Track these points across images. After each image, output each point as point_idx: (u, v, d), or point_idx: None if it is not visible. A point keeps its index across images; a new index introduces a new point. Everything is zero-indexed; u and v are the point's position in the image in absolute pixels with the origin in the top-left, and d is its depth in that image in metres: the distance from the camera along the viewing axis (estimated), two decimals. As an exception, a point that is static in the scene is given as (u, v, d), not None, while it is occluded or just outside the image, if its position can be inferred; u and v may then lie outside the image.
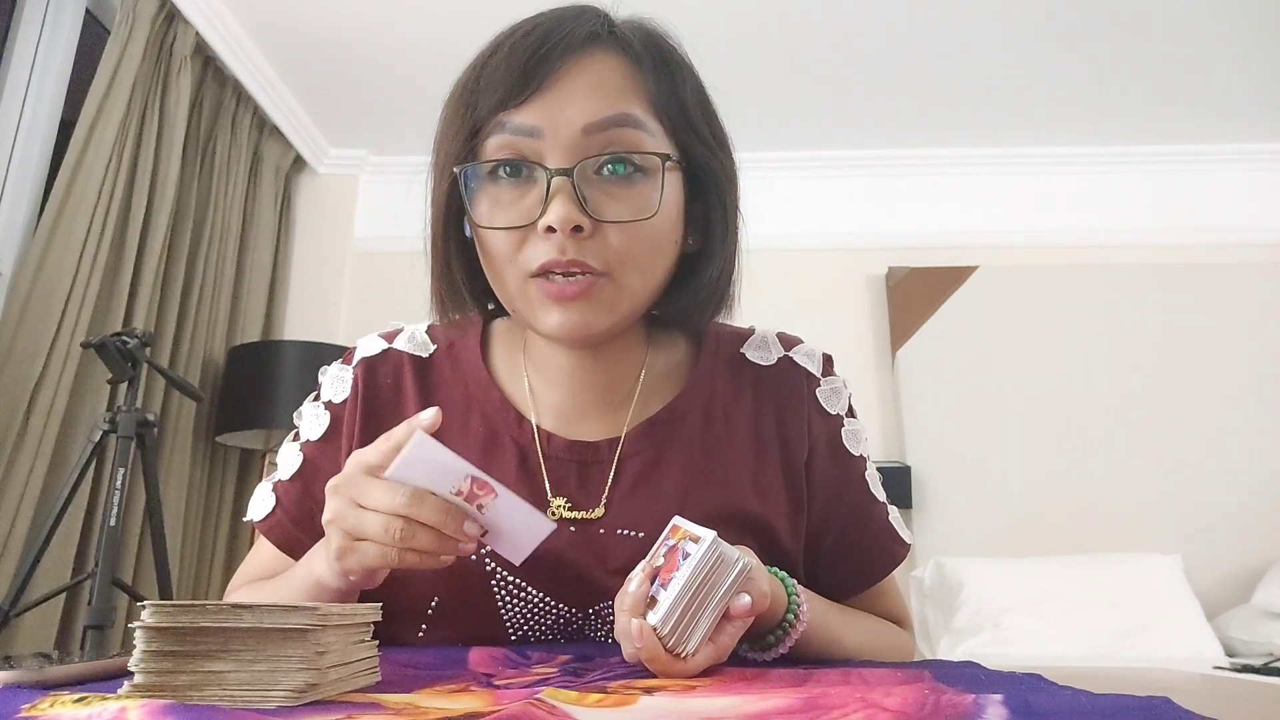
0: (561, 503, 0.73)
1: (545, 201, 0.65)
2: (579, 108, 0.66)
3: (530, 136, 0.66)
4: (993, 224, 3.32)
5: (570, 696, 0.44)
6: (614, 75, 0.69)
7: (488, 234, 0.69)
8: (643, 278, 0.69)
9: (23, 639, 1.93)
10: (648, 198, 0.67)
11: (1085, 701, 0.40)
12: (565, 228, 0.64)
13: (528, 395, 0.78)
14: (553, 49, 0.67)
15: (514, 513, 0.59)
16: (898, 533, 0.82)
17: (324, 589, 0.64)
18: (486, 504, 0.58)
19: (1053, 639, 2.41)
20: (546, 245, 0.66)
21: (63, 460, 2.08)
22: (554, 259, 0.65)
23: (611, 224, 0.66)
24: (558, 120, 0.66)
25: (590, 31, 0.69)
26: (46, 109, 2.32)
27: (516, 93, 0.66)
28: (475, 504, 0.58)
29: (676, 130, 0.71)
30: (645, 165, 0.68)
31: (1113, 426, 3.01)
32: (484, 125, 0.68)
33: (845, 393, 0.83)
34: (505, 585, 0.71)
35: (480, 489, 0.58)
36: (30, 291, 2.06)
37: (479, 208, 0.69)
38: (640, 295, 0.70)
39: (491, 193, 0.68)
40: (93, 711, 0.39)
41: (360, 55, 2.80)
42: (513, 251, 0.68)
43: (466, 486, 0.58)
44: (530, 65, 0.66)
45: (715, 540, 0.56)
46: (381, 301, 3.13)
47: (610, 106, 0.67)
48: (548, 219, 0.65)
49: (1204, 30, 2.65)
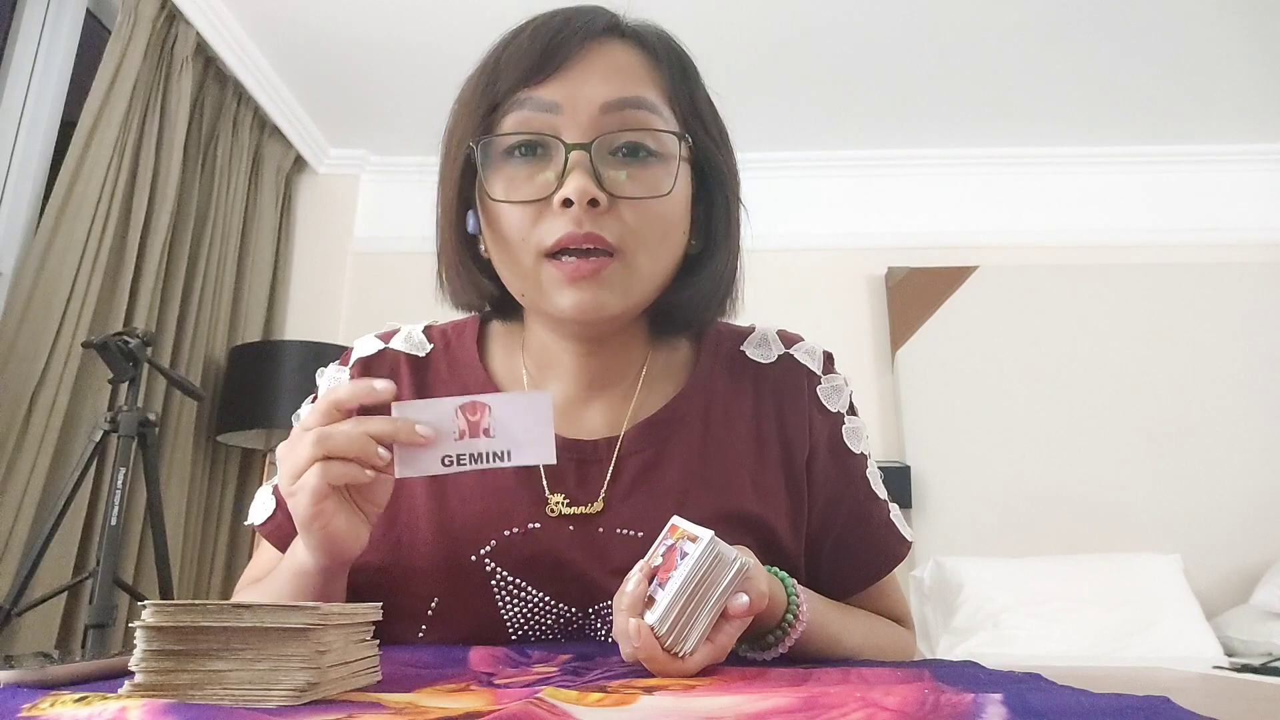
0: (559, 499, 0.73)
1: (562, 176, 0.66)
2: (597, 87, 0.68)
3: (549, 112, 0.68)
4: (993, 224, 3.32)
5: (570, 696, 0.44)
6: (631, 62, 0.71)
7: (501, 212, 0.69)
8: (653, 260, 0.70)
9: (24, 638, 1.93)
10: (661, 179, 0.69)
11: (1085, 701, 0.40)
12: (583, 199, 0.65)
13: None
14: (574, 33, 0.69)
15: (515, 410, 0.59)
16: (899, 530, 0.82)
17: (307, 574, 0.64)
18: (489, 423, 0.58)
19: (1053, 639, 2.41)
20: (562, 220, 0.66)
21: (64, 460, 2.08)
22: (570, 232, 0.66)
23: (626, 200, 0.67)
24: (577, 97, 0.68)
25: (608, 23, 0.72)
26: (47, 109, 2.32)
27: (538, 71, 0.68)
28: (481, 431, 0.58)
29: (688, 121, 0.73)
30: (659, 149, 0.70)
31: (1113, 426, 3.01)
32: (503, 102, 0.69)
33: (846, 390, 0.83)
34: (505, 585, 0.71)
35: (473, 413, 0.58)
36: (31, 291, 2.06)
37: (494, 186, 0.69)
38: (649, 280, 0.71)
39: (506, 171, 0.69)
40: (93, 711, 0.39)
41: (360, 55, 2.80)
42: (527, 228, 0.68)
43: (463, 422, 0.58)
44: (551, 47, 0.68)
45: (713, 540, 0.56)
46: (381, 301, 3.14)
47: (628, 89, 0.69)
48: (565, 191, 0.66)
49: (1204, 31, 2.65)
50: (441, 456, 0.58)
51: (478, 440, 0.58)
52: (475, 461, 0.58)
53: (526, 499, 0.73)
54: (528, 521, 0.72)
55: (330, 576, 0.65)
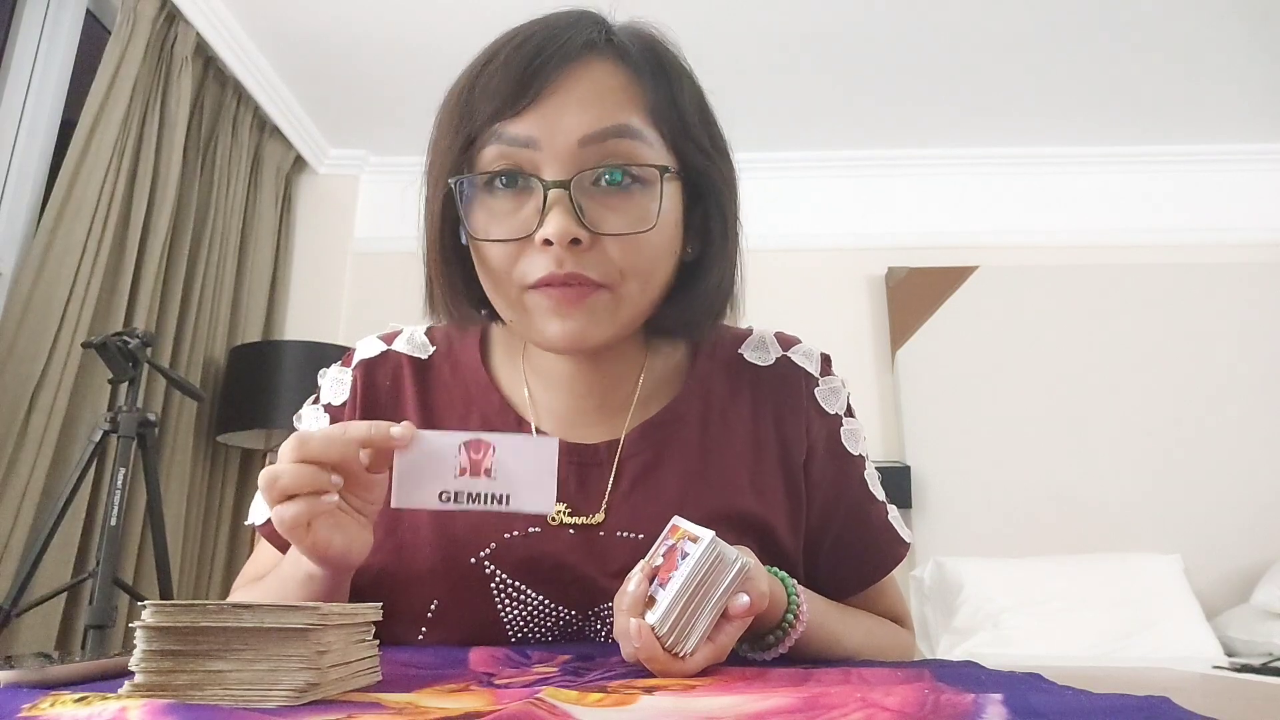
0: (561, 508, 0.73)
1: (542, 214, 0.64)
2: (576, 119, 0.65)
3: (526, 148, 0.65)
4: (993, 224, 3.32)
5: (570, 696, 0.44)
6: (611, 84, 0.68)
7: (484, 246, 0.68)
8: (643, 288, 0.69)
9: (24, 638, 1.93)
10: (646, 209, 0.67)
11: (1085, 701, 0.40)
12: (563, 240, 0.64)
13: (527, 399, 0.78)
14: (549, 59, 0.66)
15: (520, 453, 0.58)
16: (897, 531, 0.82)
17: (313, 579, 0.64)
18: (492, 463, 0.58)
19: (1053, 639, 2.41)
20: (544, 258, 0.65)
21: (63, 460, 2.08)
22: (551, 273, 0.65)
23: (610, 236, 0.66)
24: (554, 131, 0.65)
25: (587, 40, 0.68)
26: (47, 109, 2.32)
27: (512, 103, 0.65)
28: (483, 471, 0.58)
29: (675, 139, 0.70)
30: (643, 176, 0.67)
31: (1113, 426, 3.01)
32: (479, 135, 0.67)
33: (844, 392, 0.83)
34: (505, 589, 0.71)
35: (477, 451, 0.58)
36: (31, 291, 2.06)
37: (475, 219, 0.68)
38: (640, 305, 0.70)
39: (488, 204, 0.68)
40: (93, 711, 0.39)
41: (360, 55, 2.80)
42: (510, 264, 0.67)
43: (465, 459, 0.58)
44: (526, 75, 0.65)
45: (714, 540, 0.56)
46: (381, 302, 3.14)
47: (607, 117, 0.66)
48: (544, 232, 0.64)
49: (1204, 31, 2.65)
50: (439, 492, 0.58)
51: (478, 480, 0.58)
52: (473, 502, 0.58)
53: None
54: (528, 525, 0.72)
55: (337, 582, 0.65)
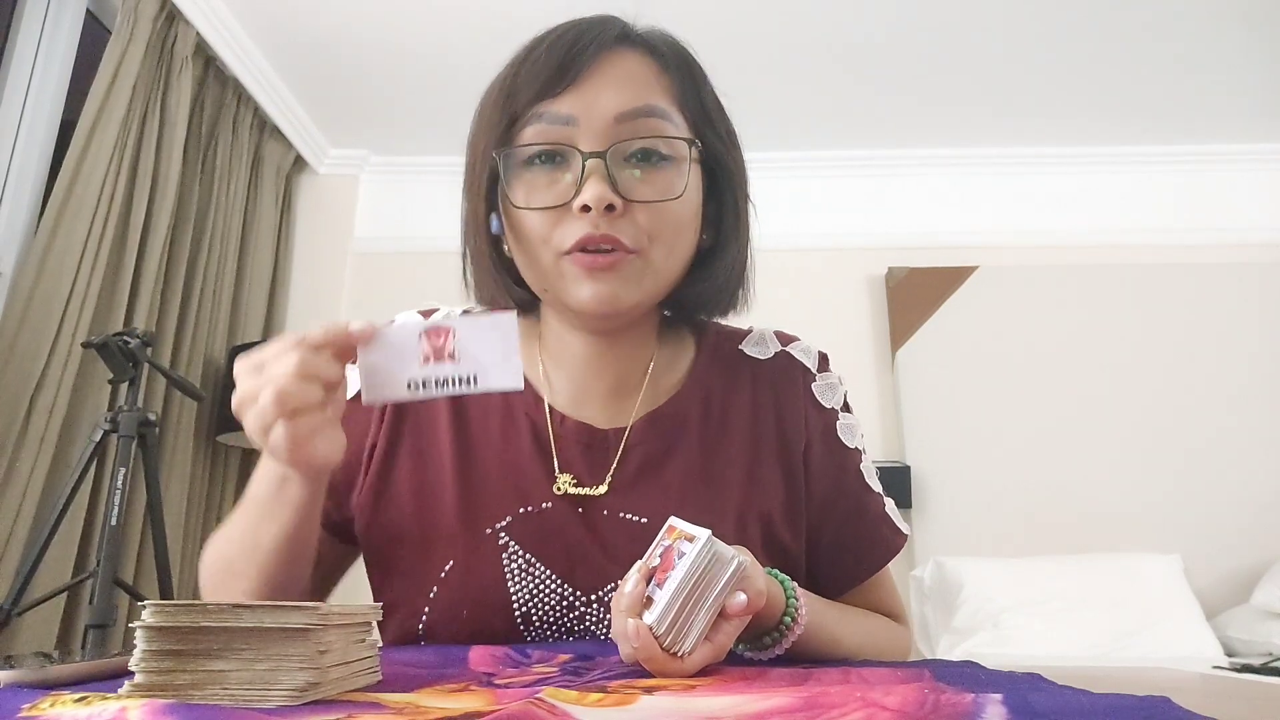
0: (567, 479, 0.76)
1: (580, 183, 0.70)
2: (611, 98, 0.72)
3: (566, 124, 0.71)
4: (993, 224, 3.32)
5: (570, 696, 0.44)
6: (643, 72, 0.75)
7: (523, 217, 0.73)
8: (668, 256, 0.74)
9: (24, 638, 1.93)
10: (673, 182, 0.73)
11: (1085, 701, 0.40)
12: (600, 205, 0.69)
13: (541, 376, 0.82)
14: (586, 47, 0.73)
15: (480, 332, 0.59)
16: (895, 523, 0.85)
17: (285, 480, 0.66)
18: (453, 347, 0.58)
19: (1053, 639, 2.41)
20: (581, 223, 0.70)
21: (64, 460, 2.08)
22: (588, 234, 0.70)
23: (641, 204, 0.71)
24: (591, 109, 0.71)
25: (620, 33, 0.76)
26: (47, 109, 2.32)
27: (554, 85, 0.72)
28: (446, 355, 0.58)
29: (698, 125, 0.76)
30: (671, 153, 0.73)
31: (1113, 426, 3.01)
32: (522, 116, 0.73)
33: (840, 389, 0.86)
34: (516, 559, 0.74)
35: (437, 337, 0.58)
36: (31, 291, 2.06)
37: (516, 192, 0.73)
38: (664, 274, 0.74)
39: (527, 178, 0.73)
40: (93, 711, 0.39)
41: (360, 55, 2.80)
42: (548, 231, 0.72)
43: (426, 347, 0.58)
44: (566, 61, 0.72)
45: (710, 539, 0.56)
46: (381, 301, 3.14)
47: (640, 98, 0.73)
48: (583, 198, 0.69)
49: (1204, 31, 2.65)
50: (406, 380, 0.59)
51: (443, 364, 0.58)
52: (441, 386, 0.59)
53: (540, 478, 0.77)
54: (542, 501, 0.76)
55: (316, 486, 0.67)
